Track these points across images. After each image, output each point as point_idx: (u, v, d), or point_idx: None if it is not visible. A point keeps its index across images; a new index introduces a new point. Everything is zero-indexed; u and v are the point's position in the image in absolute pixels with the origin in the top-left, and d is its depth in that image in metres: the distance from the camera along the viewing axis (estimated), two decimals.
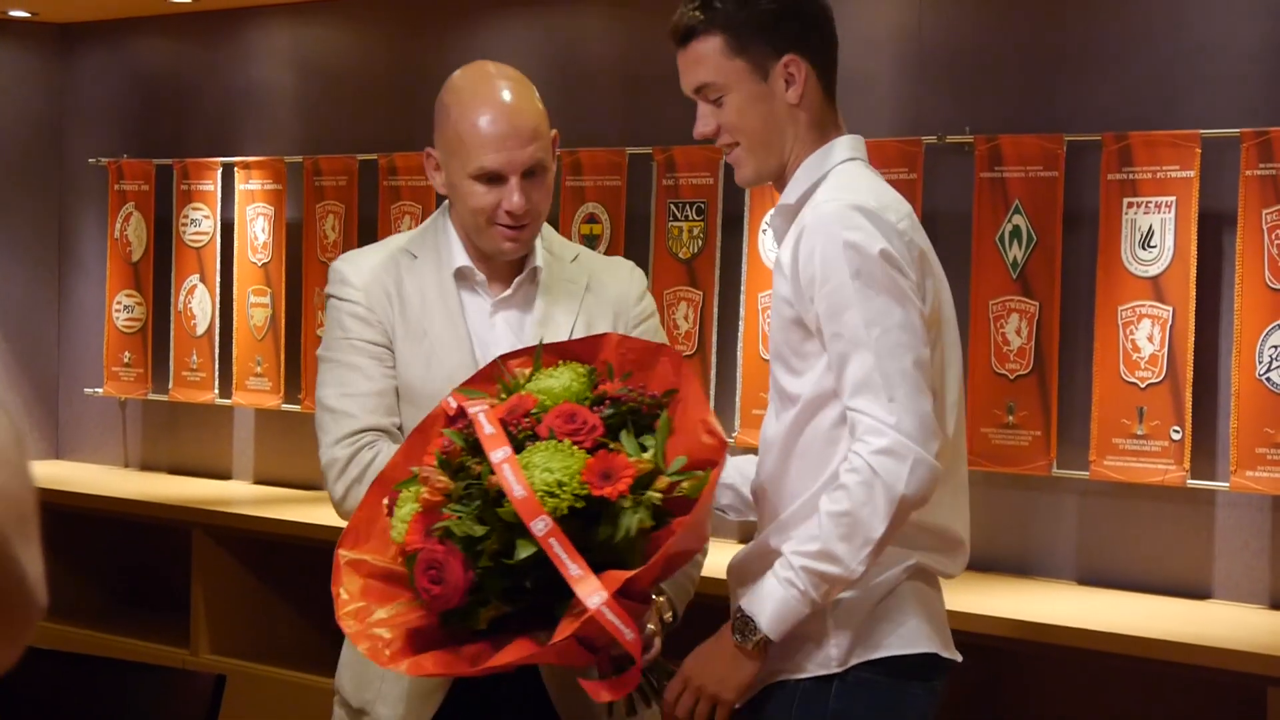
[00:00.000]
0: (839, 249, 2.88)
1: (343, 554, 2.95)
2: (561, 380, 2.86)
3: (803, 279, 2.92)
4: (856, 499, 2.83)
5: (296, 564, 6.85)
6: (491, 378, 2.97)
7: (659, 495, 2.72)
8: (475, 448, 2.78)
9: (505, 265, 3.33)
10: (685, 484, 2.75)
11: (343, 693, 3.37)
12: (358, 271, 3.32)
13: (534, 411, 2.80)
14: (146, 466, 8.05)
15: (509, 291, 3.31)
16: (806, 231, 2.92)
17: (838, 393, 2.91)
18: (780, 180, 3.09)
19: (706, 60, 3.02)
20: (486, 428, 2.77)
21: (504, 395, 2.88)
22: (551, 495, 2.67)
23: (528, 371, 2.93)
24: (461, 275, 3.32)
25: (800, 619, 2.93)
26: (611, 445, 2.75)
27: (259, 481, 7.62)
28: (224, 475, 7.74)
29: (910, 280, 2.92)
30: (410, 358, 3.25)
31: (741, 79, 3.02)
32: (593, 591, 2.65)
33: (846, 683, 2.99)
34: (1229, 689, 4.89)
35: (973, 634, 4.52)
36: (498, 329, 3.29)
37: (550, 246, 3.38)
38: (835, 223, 2.90)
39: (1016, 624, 4.83)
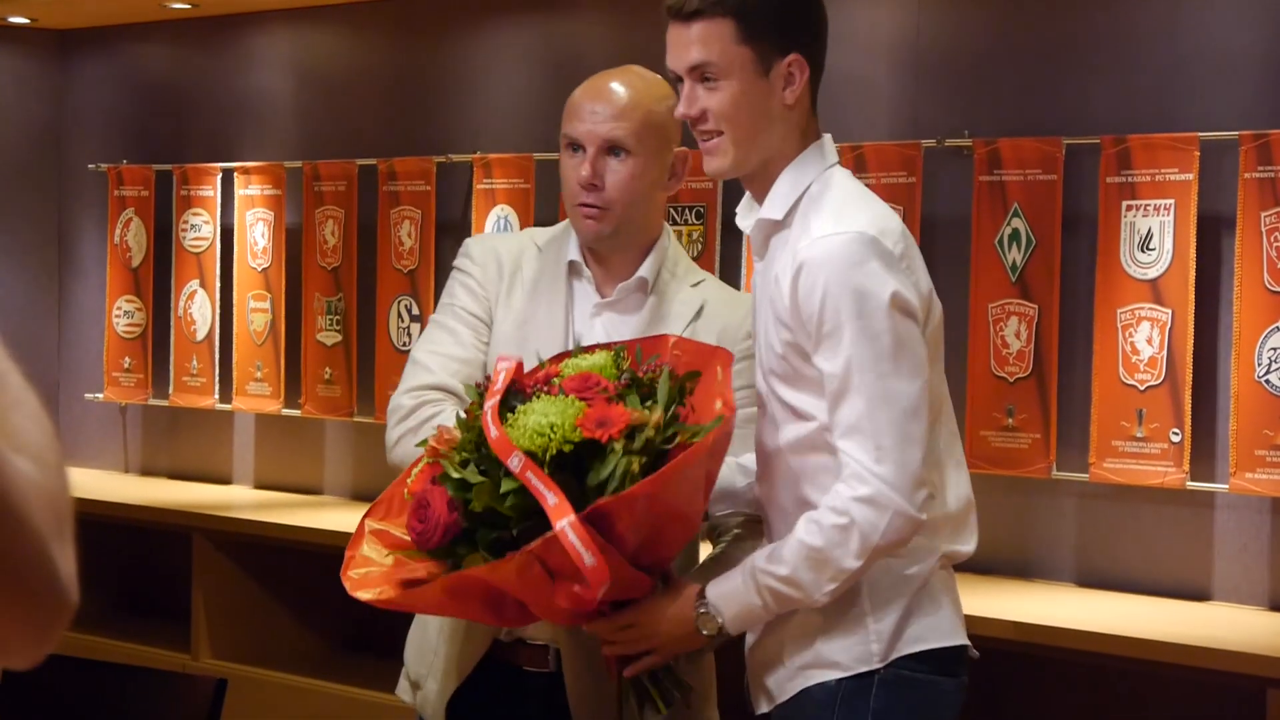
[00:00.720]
0: (841, 290, 2.85)
1: (369, 523, 2.98)
2: (591, 359, 2.90)
3: (803, 313, 2.88)
4: (830, 540, 2.84)
5: (297, 568, 6.86)
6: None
7: (645, 437, 2.73)
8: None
9: (617, 268, 3.36)
10: (683, 434, 2.76)
11: (407, 664, 3.45)
12: (482, 249, 3.44)
13: (555, 380, 2.84)
14: (147, 471, 8.05)
15: (613, 296, 3.35)
16: (807, 267, 2.88)
17: (831, 431, 2.89)
18: (753, 179, 3.05)
19: (712, 42, 2.95)
20: (497, 382, 2.83)
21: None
22: (541, 435, 2.71)
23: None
24: (574, 269, 3.37)
25: (761, 621, 2.98)
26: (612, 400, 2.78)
27: (259, 486, 7.63)
28: (224, 480, 7.75)
29: (916, 320, 2.89)
30: (505, 339, 3.30)
31: (744, 68, 2.96)
32: (562, 516, 2.68)
33: (887, 680, 2.97)
34: (1228, 690, 4.90)
35: (972, 636, 4.52)
36: (597, 331, 3.31)
37: (673, 267, 3.39)
38: (837, 261, 2.86)
39: (1016, 626, 4.84)
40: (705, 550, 3.34)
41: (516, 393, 2.85)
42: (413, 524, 2.79)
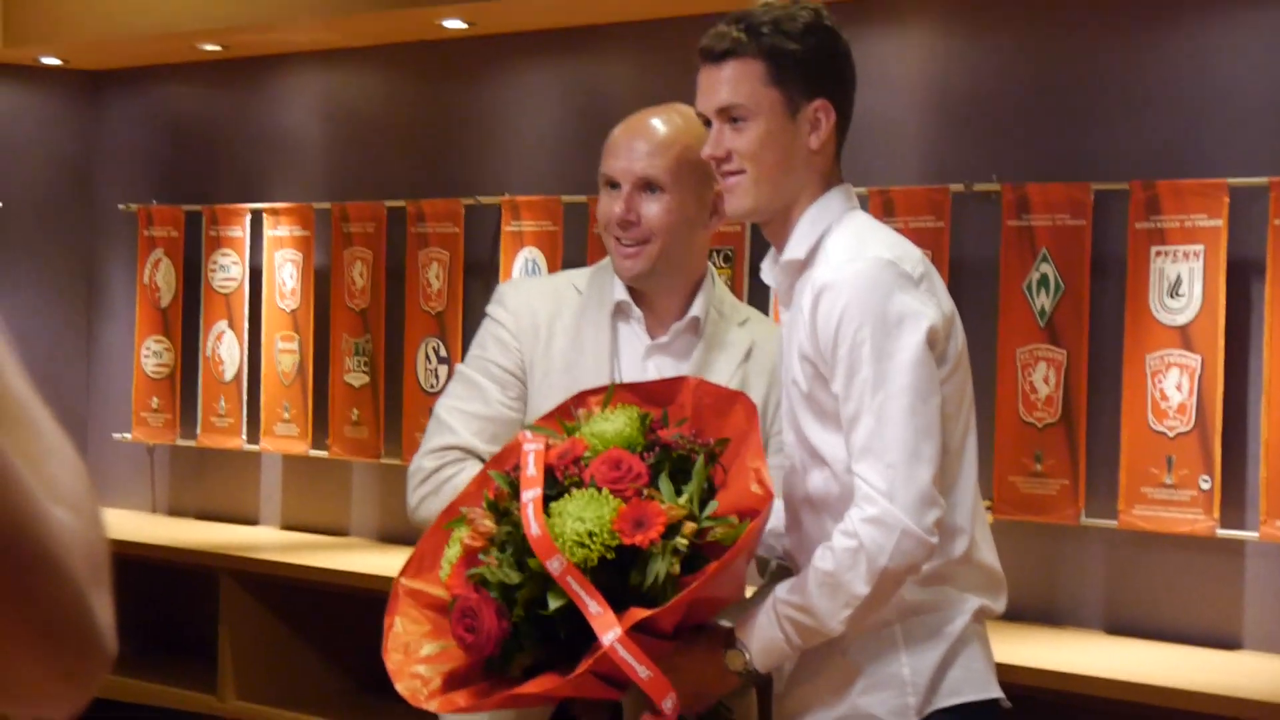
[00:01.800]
0: (859, 312, 2.86)
1: (403, 583, 2.96)
2: (615, 424, 2.86)
3: (821, 338, 2.90)
4: (841, 563, 2.82)
5: (323, 609, 6.86)
6: (566, 414, 2.97)
7: (685, 541, 2.72)
8: (519, 491, 2.79)
9: (665, 309, 3.34)
10: (719, 530, 2.75)
11: None
12: (516, 297, 3.39)
13: (584, 457, 2.80)
14: (174, 512, 8.06)
15: (666, 338, 3.33)
16: (826, 290, 2.89)
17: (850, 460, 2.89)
18: (772, 225, 3.06)
19: (741, 83, 2.98)
20: (529, 469, 2.79)
21: (564, 436, 2.89)
22: (581, 546, 2.68)
23: (590, 412, 2.93)
24: (620, 310, 3.35)
25: (787, 658, 2.95)
26: (645, 492, 2.75)
27: (286, 527, 7.63)
28: (251, 521, 7.75)
29: (935, 342, 2.88)
30: (548, 389, 3.26)
31: (772, 110, 2.98)
32: (609, 628, 2.67)
33: None
34: None
35: (1000, 683, 4.51)
36: (649, 373, 3.28)
37: (720, 306, 3.37)
38: (855, 285, 2.88)
39: (1044, 673, 4.82)
40: None
41: (546, 475, 2.81)
42: (460, 634, 2.76)
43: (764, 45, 2.98)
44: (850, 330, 2.86)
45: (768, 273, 3.12)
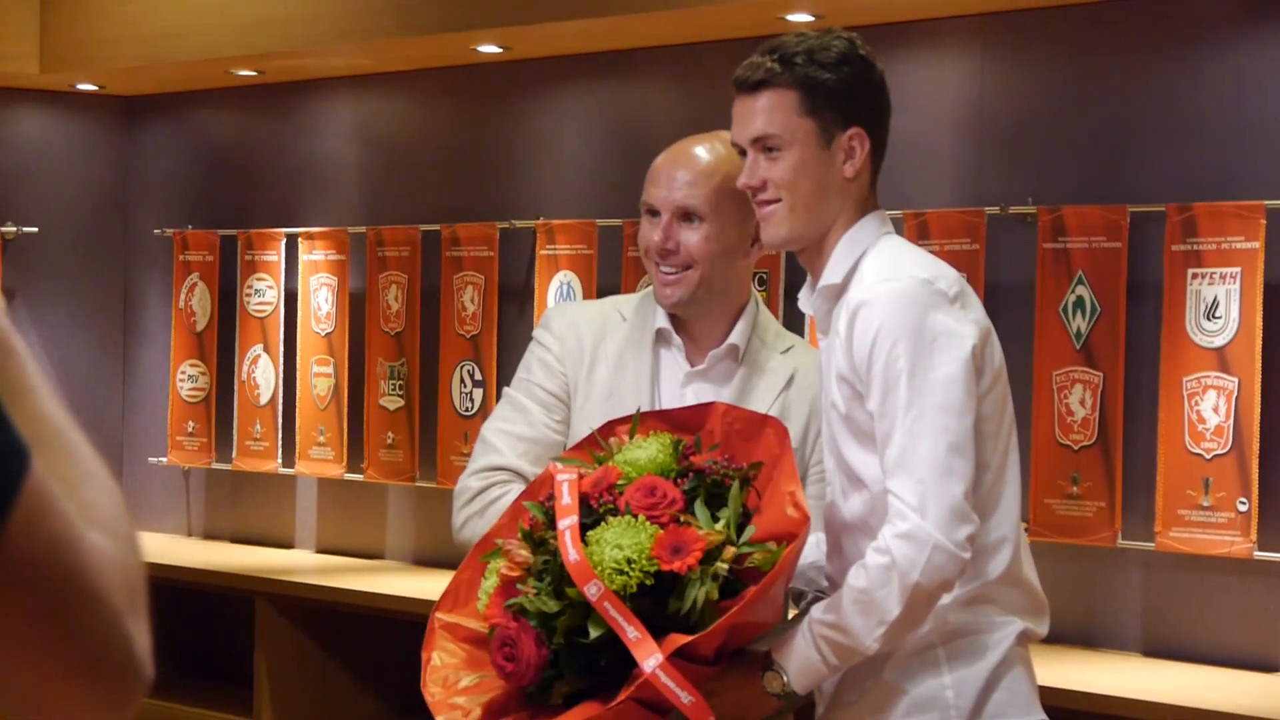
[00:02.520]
0: (894, 329, 2.87)
1: (439, 617, 2.97)
2: (648, 452, 2.87)
3: (856, 355, 2.91)
4: (874, 580, 2.83)
5: (358, 632, 6.86)
6: (595, 444, 2.98)
7: (725, 566, 2.72)
8: (554, 520, 2.79)
9: (706, 336, 3.34)
10: (757, 556, 2.75)
11: None
12: (563, 321, 3.40)
13: (618, 484, 2.81)
14: (210, 535, 8.08)
15: (703, 365, 3.33)
16: (863, 309, 2.91)
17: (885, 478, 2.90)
18: (809, 254, 3.07)
19: (775, 113, 2.99)
20: (564, 498, 2.80)
21: (595, 465, 2.90)
22: (620, 573, 2.69)
23: (620, 441, 2.93)
24: (661, 337, 3.36)
25: (824, 678, 2.95)
26: (682, 518, 2.75)
27: (321, 551, 7.64)
28: (287, 544, 7.76)
29: (971, 360, 2.89)
30: (589, 414, 3.27)
31: (806, 139, 2.99)
32: (649, 654, 2.67)
33: None
34: None
35: None
36: (688, 400, 3.28)
37: (763, 334, 3.37)
38: (891, 303, 2.89)
39: (1081, 696, 4.80)
40: None
41: (581, 504, 2.82)
42: (500, 662, 2.77)
43: (798, 75, 2.99)
44: (885, 347, 2.88)
45: (805, 301, 3.13)
